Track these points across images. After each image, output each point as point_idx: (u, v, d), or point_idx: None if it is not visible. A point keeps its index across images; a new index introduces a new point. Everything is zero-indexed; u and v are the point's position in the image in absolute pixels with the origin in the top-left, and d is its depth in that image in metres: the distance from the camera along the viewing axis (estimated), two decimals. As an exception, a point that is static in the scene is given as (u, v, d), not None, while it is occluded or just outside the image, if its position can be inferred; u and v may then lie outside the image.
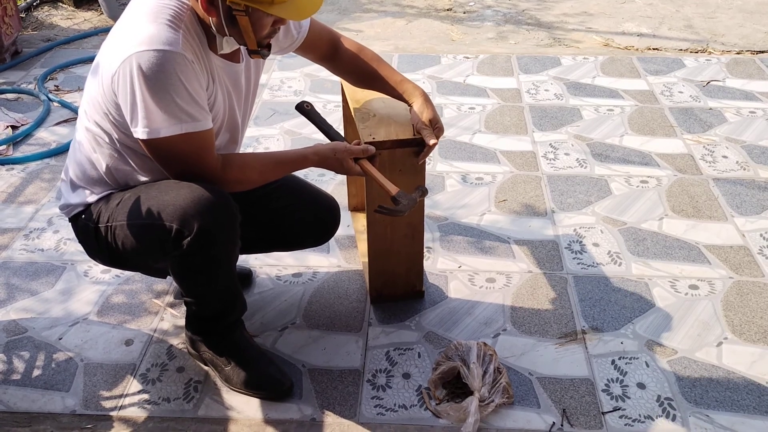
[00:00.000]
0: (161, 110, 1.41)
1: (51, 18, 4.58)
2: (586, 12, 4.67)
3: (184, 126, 1.44)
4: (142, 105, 1.40)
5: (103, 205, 1.62)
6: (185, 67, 1.41)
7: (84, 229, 1.67)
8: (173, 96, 1.41)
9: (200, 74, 1.47)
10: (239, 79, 1.65)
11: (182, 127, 1.44)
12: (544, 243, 2.36)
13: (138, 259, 1.67)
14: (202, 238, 1.50)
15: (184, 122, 1.44)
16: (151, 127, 1.42)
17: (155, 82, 1.39)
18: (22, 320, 2.04)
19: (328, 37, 1.87)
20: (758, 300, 2.09)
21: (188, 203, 1.48)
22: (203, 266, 1.59)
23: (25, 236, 2.42)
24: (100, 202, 1.64)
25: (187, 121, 1.44)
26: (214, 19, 1.44)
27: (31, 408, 1.76)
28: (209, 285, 1.66)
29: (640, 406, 1.75)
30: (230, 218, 1.56)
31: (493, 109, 3.27)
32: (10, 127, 3.12)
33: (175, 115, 1.42)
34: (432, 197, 2.60)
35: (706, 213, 2.50)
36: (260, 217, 1.83)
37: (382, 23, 4.51)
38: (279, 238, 1.91)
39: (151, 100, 1.40)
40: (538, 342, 1.95)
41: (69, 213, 1.70)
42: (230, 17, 1.43)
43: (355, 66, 1.88)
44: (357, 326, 2.01)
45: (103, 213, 1.62)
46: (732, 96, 3.38)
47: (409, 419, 1.72)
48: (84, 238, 1.70)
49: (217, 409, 1.75)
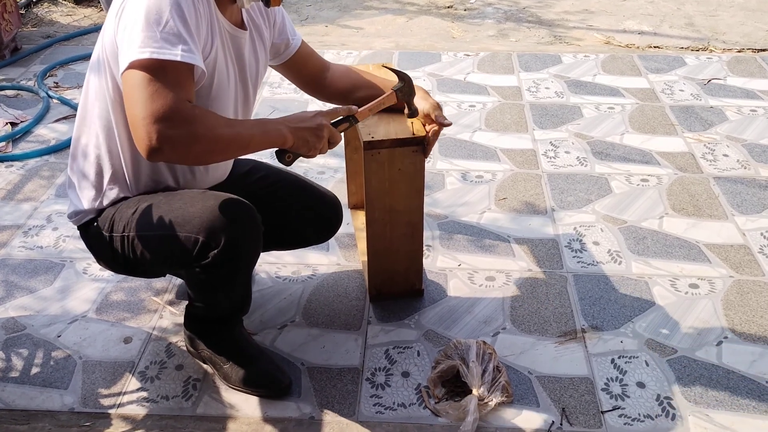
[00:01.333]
0: (154, 32, 1.32)
1: (51, 14, 4.57)
2: (587, 9, 4.66)
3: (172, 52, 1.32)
4: (134, 29, 1.33)
5: (117, 213, 1.59)
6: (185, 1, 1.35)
7: (98, 238, 1.63)
8: (166, 19, 1.32)
9: (201, 17, 1.41)
10: (243, 50, 1.60)
11: (169, 53, 1.32)
12: (544, 241, 2.35)
13: (156, 268, 1.66)
14: (229, 251, 1.50)
15: (173, 47, 1.32)
16: (140, 48, 1.31)
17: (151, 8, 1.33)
18: (20, 318, 2.04)
19: (320, 61, 1.87)
20: (758, 299, 2.09)
21: (215, 215, 1.48)
22: (225, 277, 1.59)
23: (24, 233, 2.41)
24: (111, 209, 1.61)
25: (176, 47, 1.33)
26: None
27: (30, 405, 1.76)
28: (225, 293, 1.66)
29: (639, 405, 1.74)
30: (255, 230, 1.56)
31: (494, 107, 3.26)
32: (10, 124, 3.12)
33: (167, 39, 1.32)
34: (432, 195, 2.59)
35: (707, 212, 2.50)
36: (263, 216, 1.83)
37: (383, 20, 4.50)
38: (282, 236, 1.91)
39: (143, 23, 1.32)
40: (537, 341, 1.94)
41: (79, 221, 1.67)
42: None
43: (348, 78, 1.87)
44: (356, 324, 2.01)
45: (117, 222, 1.58)
46: (733, 94, 3.37)
47: (408, 418, 1.71)
48: (97, 246, 1.66)
49: (215, 407, 1.74)
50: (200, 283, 1.64)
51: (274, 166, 1.96)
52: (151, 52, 1.30)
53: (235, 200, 1.53)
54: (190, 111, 1.33)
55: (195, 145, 1.35)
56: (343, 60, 3.75)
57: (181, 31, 1.33)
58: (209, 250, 1.50)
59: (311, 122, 1.52)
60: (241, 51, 1.60)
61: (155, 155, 1.32)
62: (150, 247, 1.55)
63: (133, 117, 1.31)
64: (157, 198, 1.58)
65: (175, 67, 1.32)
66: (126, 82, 1.33)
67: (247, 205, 1.55)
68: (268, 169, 1.92)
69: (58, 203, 2.57)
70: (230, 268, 1.56)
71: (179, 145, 1.33)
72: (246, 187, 1.80)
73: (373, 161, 1.80)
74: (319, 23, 4.43)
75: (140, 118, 1.30)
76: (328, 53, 3.84)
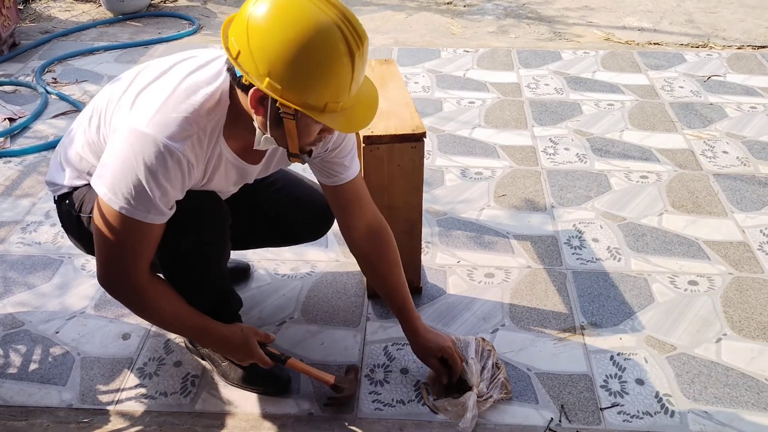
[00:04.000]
0: (132, 191, 1.34)
1: (49, 10, 4.56)
2: (587, 6, 4.65)
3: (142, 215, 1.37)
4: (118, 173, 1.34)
5: (88, 194, 1.58)
6: (177, 169, 1.35)
7: (67, 215, 1.66)
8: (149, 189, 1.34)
9: (193, 173, 1.40)
10: (247, 175, 1.59)
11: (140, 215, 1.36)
12: (544, 238, 2.35)
13: None
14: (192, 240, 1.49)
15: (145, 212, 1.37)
16: (114, 195, 1.35)
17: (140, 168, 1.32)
18: (18, 314, 2.03)
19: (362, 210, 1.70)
20: (758, 296, 2.09)
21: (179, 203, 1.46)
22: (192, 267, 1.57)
23: (22, 229, 2.41)
24: (84, 188, 1.60)
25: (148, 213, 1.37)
26: (260, 118, 1.34)
27: (28, 402, 1.75)
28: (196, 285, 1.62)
29: (638, 402, 1.74)
30: (221, 219, 1.55)
31: (493, 104, 3.26)
32: (8, 120, 3.11)
33: (142, 203, 1.35)
34: (431, 192, 2.59)
35: (706, 209, 2.50)
36: (256, 211, 1.82)
37: (382, 16, 4.49)
38: (275, 232, 1.90)
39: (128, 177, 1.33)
40: (536, 337, 1.94)
41: (54, 191, 1.68)
42: (277, 119, 1.32)
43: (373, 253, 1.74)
44: (355, 321, 2.00)
45: (86, 203, 1.58)
46: (733, 91, 3.37)
47: (407, 414, 1.71)
48: (66, 223, 1.69)
49: (214, 404, 1.74)
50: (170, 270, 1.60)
51: None
52: (120, 207, 1.36)
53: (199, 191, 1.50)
54: (139, 284, 1.45)
55: (133, 311, 1.54)
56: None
57: (156, 199, 1.36)
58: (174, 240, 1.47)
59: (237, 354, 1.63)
60: (245, 175, 1.58)
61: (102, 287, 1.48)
62: None
63: (96, 249, 1.45)
64: None
65: (142, 225, 1.38)
66: (95, 212, 1.42)
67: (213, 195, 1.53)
68: None
69: (57, 199, 2.57)
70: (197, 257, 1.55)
71: (121, 300, 1.51)
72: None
73: (372, 157, 1.80)
74: (318, 19, 4.42)
75: (97, 261, 1.46)
76: (328, 49, 3.83)
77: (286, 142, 1.36)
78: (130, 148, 1.33)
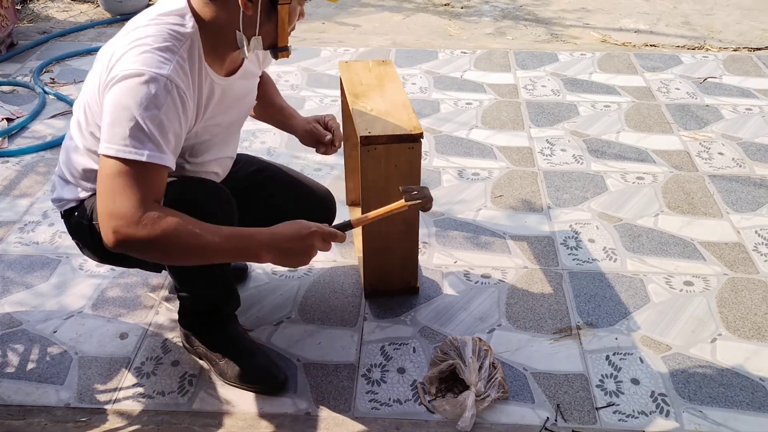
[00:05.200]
0: (127, 132, 1.31)
1: (47, 10, 4.56)
2: (584, 8, 4.66)
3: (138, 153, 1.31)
4: (113, 123, 1.33)
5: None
6: (166, 95, 1.33)
7: (78, 226, 1.66)
8: (142, 122, 1.31)
9: (187, 102, 1.39)
10: (237, 91, 1.61)
11: (136, 154, 1.31)
12: (540, 239, 2.36)
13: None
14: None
15: (142, 149, 1.32)
16: (110, 143, 1.33)
17: (130, 105, 1.32)
18: (16, 313, 2.03)
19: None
20: (752, 296, 2.10)
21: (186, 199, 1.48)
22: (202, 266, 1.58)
23: (20, 229, 2.41)
24: (92, 198, 1.62)
25: (145, 149, 1.32)
26: (249, 13, 1.36)
27: (26, 401, 1.76)
28: (204, 279, 1.67)
29: (634, 402, 1.75)
30: (228, 214, 1.56)
31: (490, 105, 3.27)
32: (6, 120, 3.11)
33: (137, 138, 1.31)
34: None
35: (702, 209, 2.51)
36: (255, 210, 1.83)
37: (380, 18, 4.50)
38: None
39: (122, 120, 1.32)
40: (532, 337, 1.95)
41: (62, 207, 1.69)
42: (269, 9, 1.38)
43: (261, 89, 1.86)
44: (352, 321, 2.01)
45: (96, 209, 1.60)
46: (729, 93, 3.38)
47: (404, 414, 1.72)
48: (78, 234, 1.68)
49: (211, 403, 1.75)
50: (180, 272, 1.66)
51: (268, 160, 1.97)
52: (116, 151, 1.31)
53: (206, 182, 1.52)
54: (152, 215, 1.30)
55: (151, 251, 1.34)
56: (340, 57, 3.75)
57: (153, 131, 1.32)
58: None
59: (301, 244, 1.40)
60: (236, 93, 1.61)
61: (114, 249, 1.33)
62: None
63: (99, 208, 1.34)
64: None
65: (140, 166, 1.32)
66: (98, 170, 1.36)
67: (221, 188, 1.55)
68: (261, 163, 1.93)
69: (54, 199, 2.57)
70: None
71: (135, 248, 1.33)
72: (239, 181, 1.80)
73: (369, 157, 1.81)
74: (316, 20, 4.43)
75: (102, 212, 1.33)
76: (325, 50, 3.84)
77: (275, 36, 1.41)
78: (117, 98, 1.33)
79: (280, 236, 1.39)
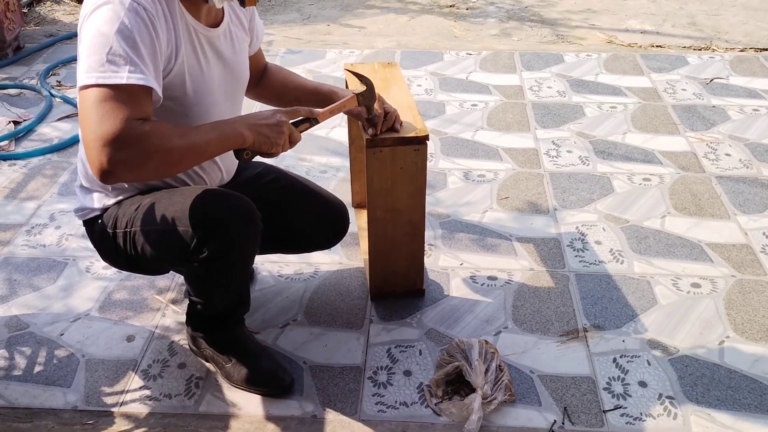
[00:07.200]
0: (104, 58, 1.31)
1: (53, 13, 4.58)
2: (589, 9, 4.66)
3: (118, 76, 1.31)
4: (89, 53, 1.33)
5: (120, 210, 1.61)
6: (135, 17, 1.33)
7: (101, 235, 1.65)
8: (118, 44, 1.31)
9: (157, 25, 1.38)
10: (219, 47, 1.60)
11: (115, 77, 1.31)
12: (546, 240, 2.35)
13: (157, 264, 1.67)
14: (225, 244, 1.51)
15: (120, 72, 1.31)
16: (88, 72, 1.32)
17: (102, 32, 1.32)
18: (23, 316, 2.04)
19: (263, 60, 1.90)
20: (760, 298, 2.09)
21: (212, 209, 1.49)
22: (221, 271, 1.60)
23: (27, 232, 2.42)
24: (116, 206, 1.62)
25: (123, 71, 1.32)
26: None
27: (33, 403, 1.76)
28: (222, 288, 1.67)
29: (641, 405, 1.75)
30: (253, 226, 1.57)
31: (496, 106, 3.26)
32: (12, 123, 3.12)
33: (114, 62, 1.31)
34: (434, 194, 2.59)
35: (709, 211, 2.50)
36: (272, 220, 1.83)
37: (385, 19, 4.50)
38: (288, 239, 1.91)
39: (96, 47, 1.32)
40: (539, 340, 1.94)
41: (83, 216, 1.69)
42: None
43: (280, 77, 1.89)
44: (358, 323, 2.01)
45: (120, 218, 1.60)
46: (735, 94, 3.37)
47: (410, 416, 1.72)
48: (101, 243, 1.68)
49: (218, 406, 1.75)
50: (198, 278, 1.66)
51: (285, 170, 1.97)
52: (96, 78, 1.30)
53: (233, 195, 1.53)
54: (139, 128, 1.30)
55: (148, 162, 1.33)
56: (346, 59, 3.75)
57: (128, 52, 1.32)
58: (205, 244, 1.50)
59: (271, 119, 1.49)
60: (219, 50, 1.59)
61: (108, 178, 1.30)
62: (151, 242, 1.57)
63: (85, 140, 1.31)
64: (159, 194, 1.59)
65: (122, 89, 1.31)
66: (79, 106, 1.35)
67: (245, 200, 1.55)
68: (279, 173, 1.93)
69: (61, 202, 2.58)
70: (225, 263, 1.57)
71: (131, 164, 1.31)
72: (256, 190, 1.80)
73: (375, 159, 1.81)
74: (321, 22, 4.43)
75: (90, 140, 1.29)
76: (330, 52, 3.84)
77: None
78: (89, 30, 1.33)
79: (255, 116, 1.50)
